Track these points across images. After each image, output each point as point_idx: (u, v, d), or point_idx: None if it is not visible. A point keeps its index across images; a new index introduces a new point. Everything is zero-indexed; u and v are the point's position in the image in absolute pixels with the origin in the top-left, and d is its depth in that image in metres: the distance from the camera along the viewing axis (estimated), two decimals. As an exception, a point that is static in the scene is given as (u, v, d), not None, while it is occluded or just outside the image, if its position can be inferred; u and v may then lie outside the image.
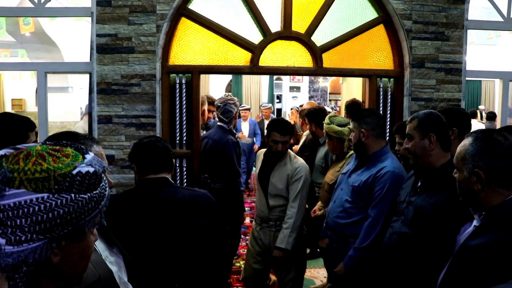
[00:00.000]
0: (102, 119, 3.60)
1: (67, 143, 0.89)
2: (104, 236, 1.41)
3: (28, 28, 6.45)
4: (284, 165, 3.16)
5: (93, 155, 0.89)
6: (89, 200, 0.82)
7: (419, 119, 2.14)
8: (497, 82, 11.55)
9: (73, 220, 0.79)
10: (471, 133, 1.52)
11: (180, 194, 2.01)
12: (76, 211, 0.80)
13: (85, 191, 0.82)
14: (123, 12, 3.56)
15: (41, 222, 0.76)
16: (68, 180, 0.80)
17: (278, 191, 3.15)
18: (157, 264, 1.92)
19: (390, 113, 3.90)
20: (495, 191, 1.40)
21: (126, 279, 1.43)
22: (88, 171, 0.84)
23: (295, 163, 3.16)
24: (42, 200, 0.76)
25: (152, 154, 2.02)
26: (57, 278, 0.82)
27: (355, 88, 6.61)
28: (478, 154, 1.43)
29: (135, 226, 1.93)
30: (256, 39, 3.79)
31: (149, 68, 3.59)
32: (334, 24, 3.85)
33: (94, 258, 1.26)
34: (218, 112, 3.91)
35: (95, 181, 0.84)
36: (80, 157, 0.85)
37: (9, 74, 9.99)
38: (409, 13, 3.74)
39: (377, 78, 3.89)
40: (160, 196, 1.97)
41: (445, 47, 3.80)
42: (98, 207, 0.85)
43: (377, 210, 2.50)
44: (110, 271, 1.31)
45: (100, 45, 3.56)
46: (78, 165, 0.83)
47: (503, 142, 1.42)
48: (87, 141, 1.38)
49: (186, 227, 1.96)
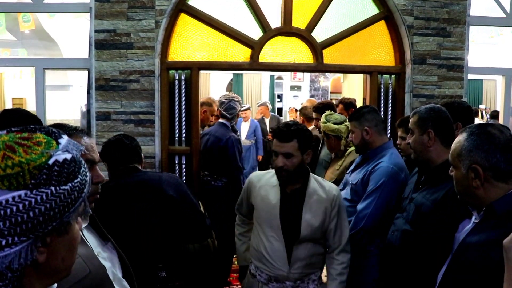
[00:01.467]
0: (100, 116, 3.57)
1: (35, 128, 0.79)
2: (96, 231, 1.38)
3: (28, 25, 6.44)
4: (315, 194, 2.14)
5: (67, 139, 0.80)
6: (71, 190, 0.75)
7: (419, 114, 2.10)
8: (499, 81, 11.51)
9: (57, 215, 0.72)
10: (465, 128, 1.48)
11: (148, 176, 2.32)
12: (59, 205, 0.73)
13: (65, 182, 0.74)
14: (121, 7, 3.53)
15: (21, 223, 0.68)
16: (45, 172, 0.71)
17: (313, 233, 2.12)
18: (138, 245, 2.13)
19: (391, 110, 3.86)
20: (494, 186, 1.36)
21: (120, 275, 1.40)
22: (66, 159, 0.75)
23: (329, 188, 2.17)
24: (20, 199, 0.69)
25: (120, 150, 2.27)
26: (43, 276, 0.76)
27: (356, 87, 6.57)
28: (474, 149, 1.38)
29: (114, 212, 2.10)
30: (256, 35, 3.76)
31: (148, 64, 3.56)
32: (335, 20, 3.82)
33: (85, 253, 1.22)
34: (222, 108, 3.89)
35: (74, 168, 0.76)
36: (54, 143, 0.76)
37: (10, 73, 9.97)
38: (411, 8, 3.71)
39: (378, 75, 3.85)
40: (130, 180, 2.23)
41: (447, 43, 3.76)
42: (81, 196, 0.77)
43: (365, 204, 2.40)
44: (102, 266, 1.27)
45: (99, 41, 3.53)
46: (53, 153, 0.74)
47: (499, 136, 1.38)
48: (77, 133, 1.34)
49: (156, 202, 2.20)
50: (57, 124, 1.36)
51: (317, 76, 14.04)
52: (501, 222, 1.32)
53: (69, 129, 1.33)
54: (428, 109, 2.11)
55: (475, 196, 1.40)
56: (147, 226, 2.16)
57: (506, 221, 1.31)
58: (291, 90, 14.72)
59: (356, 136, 2.60)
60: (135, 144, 2.33)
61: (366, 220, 2.38)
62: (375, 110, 2.68)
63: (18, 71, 9.43)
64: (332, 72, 10.56)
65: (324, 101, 4.15)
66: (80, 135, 1.34)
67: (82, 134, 1.34)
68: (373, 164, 2.48)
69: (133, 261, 1.88)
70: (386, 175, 2.38)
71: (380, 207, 2.37)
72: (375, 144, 2.56)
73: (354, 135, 2.61)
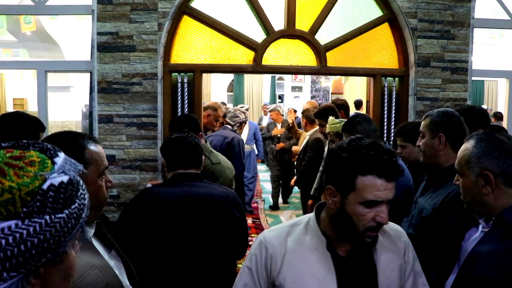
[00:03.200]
0: (103, 119, 3.55)
1: (28, 143, 0.70)
2: (101, 239, 1.36)
3: (29, 27, 6.42)
4: (384, 250, 1.36)
5: (64, 157, 0.71)
6: (68, 218, 0.66)
7: (431, 117, 2.07)
8: (500, 82, 11.49)
9: (51, 246, 0.64)
10: (472, 135, 1.46)
11: (216, 190, 2.14)
12: (54, 236, 0.64)
13: (61, 209, 0.65)
14: (124, 10, 3.51)
15: (11, 258, 0.60)
16: (38, 199, 0.63)
17: None
18: (188, 255, 2.02)
19: (395, 113, 3.84)
20: (504, 193, 1.34)
21: (127, 282, 1.38)
22: (62, 182, 0.67)
23: (395, 233, 1.46)
24: (10, 231, 0.60)
25: (182, 149, 2.10)
26: None
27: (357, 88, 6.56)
28: (484, 156, 1.36)
29: (172, 218, 1.99)
30: (259, 37, 3.74)
31: (150, 67, 3.54)
32: (338, 22, 3.80)
33: (100, 264, 1.21)
34: (227, 117, 4.33)
35: (72, 192, 0.68)
36: (49, 163, 0.67)
37: (11, 74, 9.97)
38: (415, 11, 3.69)
39: (382, 78, 3.83)
40: (197, 191, 2.07)
41: (451, 46, 3.74)
42: (79, 222, 0.69)
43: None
44: (116, 276, 1.26)
45: (101, 43, 3.52)
46: (48, 175, 0.65)
47: (507, 142, 1.37)
48: (86, 141, 1.30)
49: (221, 220, 2.08)
50: (68, 132, 1.33)
51: (318, 76, 14.03)
52: (510, 231, 1.30)
53: (84, 137, 1.28)
54: (440, 112, 2.08)
55: (484, 203, 1.37)
56: (208, 243, 2.05)
57: None
58: (292, 91, 14.72)
59: None
60: (197, 144, 2.16)
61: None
62: (366, 120, 2.65)
63: (19, 72, 9.42)
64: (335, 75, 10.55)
65: (325, 106, 4.08)
66: (90, 143, 1.29)
67: (92, 142, 1.28)
68: None
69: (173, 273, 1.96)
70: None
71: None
72: None
73: None
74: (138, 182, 3.57)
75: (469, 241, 1.45)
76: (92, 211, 1.29)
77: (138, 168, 3.58)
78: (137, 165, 3.57)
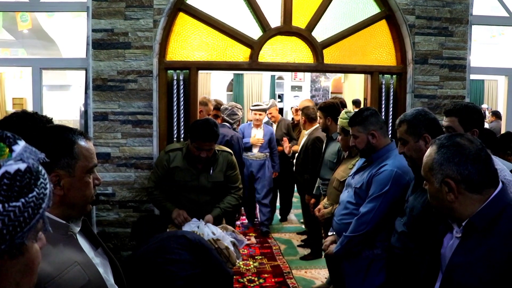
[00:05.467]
0: (98, 116, 3.53)
1: None
2: (88, 237, 1.33)
3: (25, 25, 6.38)
4: None
5: (24, 145, 0.69)
6: (24, 207, 0.63)
7: (407, 122, 2.05)
8: (500, 81, 11.44)
9: (6, 237, 0.61)
10: (434, 140, 1.43)
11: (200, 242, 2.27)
12: (8, 225, 0.61)
13: (16, 197, 0.63)
14: (119, 6, 3.48)
15: None
16: None
17: None
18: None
19: (393, 111, 3.81)
20: (468, 198, 1.32)
21: (112, 281, 1.36)
22: (19, 169, 0.64)
23: None
24: None
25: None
26: None
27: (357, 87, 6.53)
28: (445, 163, 1.34)
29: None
30: (255, 34, 3.71)
31: (146, 64, 3.51)
32: (336, 19, 3.77)
33: (83, 261, 1.19)
34: (225, 114, 4.29)
35: (29, 181, 0.65)
36: (6, 150, 0.65)
37: (10, 73, 9.94)
38: (412, 8, 3.66)
39: (379, 75, 3.80)
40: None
41: (449, 43, 3.71)
42: (38, 212, 0.66)
43: (368, 208, 2.35)
44: (99, 274, 1.24)
45: (96, 40, 3.49)
46: (3, 162, 0.63)
47: (469, 146, 1.34)
48: (77, 136, 1.25)
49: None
50: (59, 125, 1.30)
51: (318, 76, 14.00)
52: (483, 236, 1.29)
53: (75, 132, 1.26)
54: (414, 114, 2.06)
55: (452, 209, 1.36)
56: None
57: (488, 236, 1.28)
58: (291, 90, 14.68)
59: (360, 140, 2.48)
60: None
61: (368, 225, 2.34)
62: (376, 112, 2.61)
63: (19, 71, 9.39)
64: (332, 72, 10.51)
65: (329, 101, 4.02)
66: (89, 138, 1.27)
67: (79, 136, 1.25)
68: (377, 167, 2.42)
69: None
70: (390, 180, 2.32)
71: (382, 213, 2.33)
72: (379, 147, 2.50)
73: (358, 140, 2.49)
74: (133, 180, 3.55)
75: (447, 248, 1.44)
76: (78, 208, 1.28)
77: (133, 166, 3.55)
78: (132, 163, 3.54)
